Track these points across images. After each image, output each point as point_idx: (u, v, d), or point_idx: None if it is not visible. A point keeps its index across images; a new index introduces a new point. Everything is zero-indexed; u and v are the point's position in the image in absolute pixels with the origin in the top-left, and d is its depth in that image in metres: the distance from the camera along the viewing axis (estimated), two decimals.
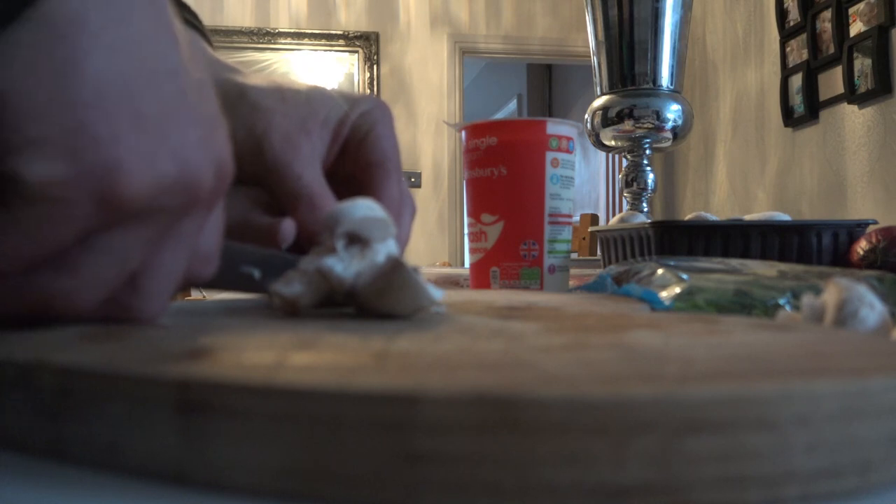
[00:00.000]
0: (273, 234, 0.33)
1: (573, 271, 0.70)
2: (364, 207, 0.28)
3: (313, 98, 0.35)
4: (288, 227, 0.33)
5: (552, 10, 3.90)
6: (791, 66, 2.50)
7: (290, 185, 0.33)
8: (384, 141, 0.36)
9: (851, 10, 2.18)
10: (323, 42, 3.71)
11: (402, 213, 0.37)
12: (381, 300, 0.26)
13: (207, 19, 3.49)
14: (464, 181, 0.57)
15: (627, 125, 1.43)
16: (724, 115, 3.04)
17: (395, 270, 0.26)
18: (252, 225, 0.36)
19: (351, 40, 3.72)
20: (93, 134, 0.18)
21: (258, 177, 0.34)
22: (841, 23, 2.22)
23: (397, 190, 0.36)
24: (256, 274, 0.28)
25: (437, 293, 0.26)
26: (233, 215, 0.37)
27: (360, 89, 3.65)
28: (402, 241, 0.36)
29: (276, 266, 0.29)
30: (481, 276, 0.55)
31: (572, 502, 0.13)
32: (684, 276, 0.39)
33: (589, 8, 1.52)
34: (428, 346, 0.19)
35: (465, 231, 0.59)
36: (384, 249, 0.28)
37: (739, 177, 2.91)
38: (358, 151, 0.36)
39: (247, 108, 0.34)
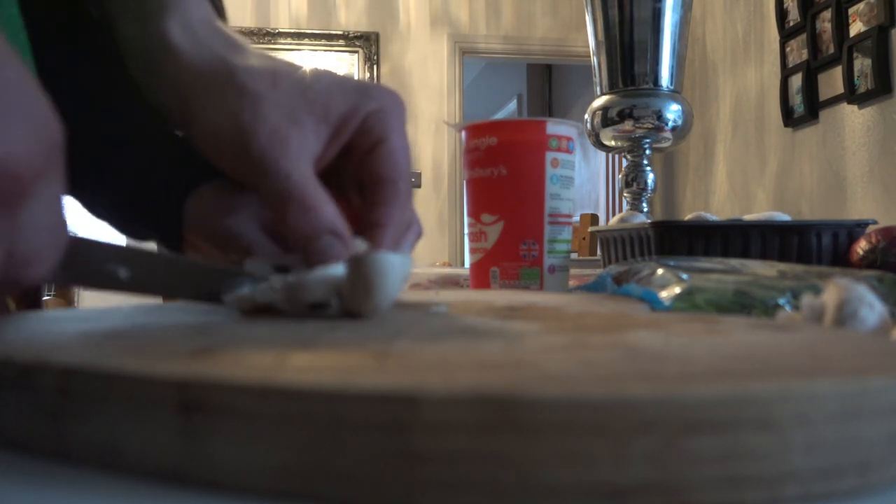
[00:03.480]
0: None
1: (573, 271, 0.70)
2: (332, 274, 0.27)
3: (312, 86, 0.31)
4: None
5: (552, 10, 3.90)
6: (791, 66, 2.50)
7: (279, 185, 0.30)
8: (399, 155, 0.32)
9: (851, 10, 2.18)
10: (323, 42, 3.70)
11: (407, 236, 0.34)
12: (366, 302, 0.26)
13: None
14: (464, 181, 0.57)
15: (627, 125, 1.43)
16: (724, 115, 3.04)
17: (359, 266, 0.25)
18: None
19: (351, 40, 3.72)
20: None
21: (242, 172, 0.31)
22: (841, 23, 2.21)
23: (404, 212, 0.33)
24: (123, 273, 0.27)
25: (406, 262, 0.27)
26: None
27: None
28: None
29: (151, 265, 0.28)
30: (481, 276, 0.55)
31: (572, 502, 0.13)
32: (684, 276, 0.39)
33: (589, 8, 1.52)
34: (428, 346, 0.19)
35: (465, 231, 0.59)
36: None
37: (739, 177, 2.91)
38: (368, 160, 0.33)
39: (233, 91, 0.31)
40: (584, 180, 4.88)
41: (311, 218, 0.29)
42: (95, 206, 0.42)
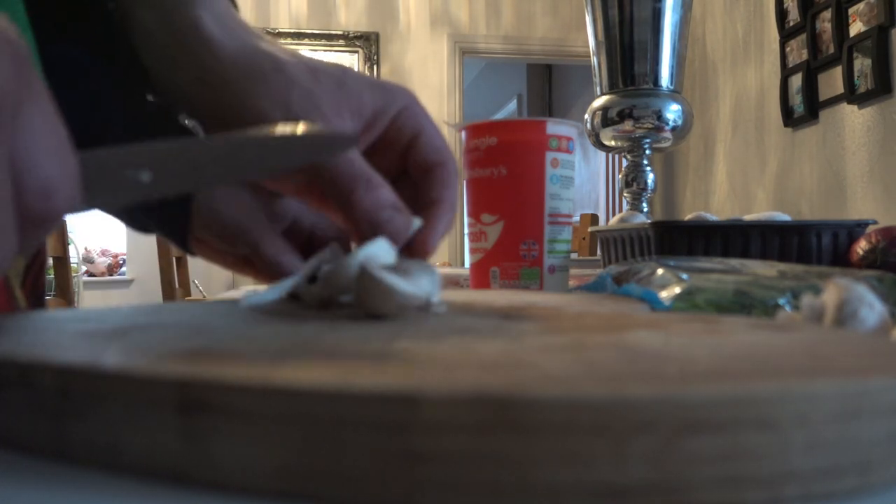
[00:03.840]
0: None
1: (573, 271, 0.70)
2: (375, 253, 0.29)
3: (345, 82, 0.33)
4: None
5: (552, 10, 3.90)
6: (791, 66, 2.50)
7: (346, 170, 0.32)
8: (438, 141, 0.35)
9: (851, 10, 2.18)
10: (323, 42, 3.70)
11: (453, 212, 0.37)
12: (362, 305, 0.26)
13: None
14: (464, 181, 0.57)
15: (627, 125, 1.43)
16: (724, 115, 3.04)
17: (362, 276, 0.26)
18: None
19: (351, 40, 3.72)
20: None
21: (305, 168, 0.33)
22: (841, 23, 2.21)
23: (456, 189, 0.36)
24: (145, 177, 0.24)
25: (423, 287, 0.27)
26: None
27: None
28: (434, 243, 0.35)
29: (174, 157, 0.25)
30: (481, 276, 0.55)
31: (572, 502, 0.13)
32: (684, 276, 0.39)
33: (589, 8, 1.53)
34: (428, 346, 0.19)
35: (465, 231, 0.59)
36: (357, 259, 0.29)
37: (739, 177, 2.91)
38: (411, 153, 0.35)
39: (282, 82, 0.32)
40: (584, 180, 4.88)
41: (376, 195, 0.31)
42: None
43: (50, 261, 1.59)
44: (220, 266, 0.42)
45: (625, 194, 1.53)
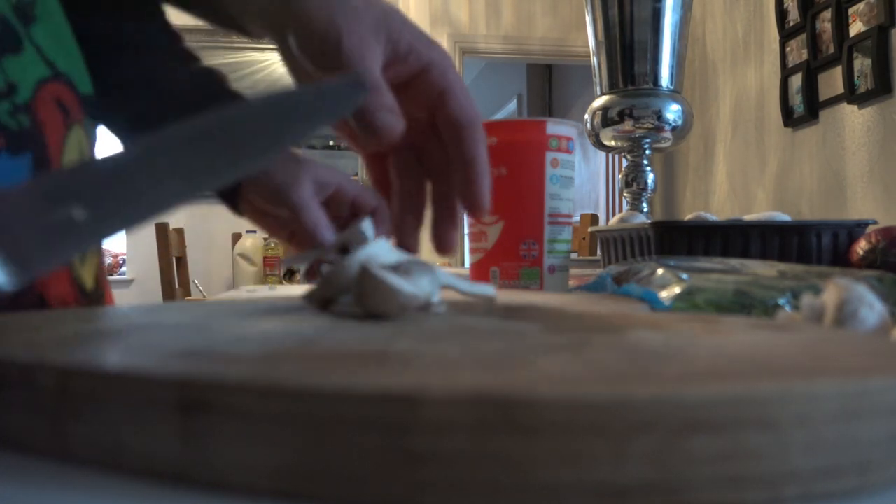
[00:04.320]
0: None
1: (573, 271, 0.70)
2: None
3: (392, 15, 0.36)
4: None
5: (552, 10, 3.90)
6: (791, 66, 2.50)
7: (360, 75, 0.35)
8: (465, 101, 0.38)
9: (851, 10, 2.18)
10: None
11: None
12: (362, 305, 0.26)
13: None
14: None
15: (627, 125, 1.43)
16: (724, 115, 3.04)
17: (363, 276, 0.26)
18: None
19: None
20: None
21: (324, 65, 0.35)
22: (841, 23, 2.21)
23: (485, 149, 0.38)
24: (80, 215, 0.18)
25: (423, 287, 0.27)
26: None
27: None
28: (487, 198, 0.38)
29: (118, 188, 0.20)
30: (481, 276, 0.55)
31: (572, 502, 0.13)
32: (684, 276, 0.39)
33: (589, 8, 1.53)
34: (428, 346, 0.19)
35: (465, 231, 0.59)
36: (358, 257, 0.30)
37: (739, 177, 2.91)
38: (440, 111, 0.38)
39: None
40: (584, 180, 4.88)
41: (378, 98, 0.34)
42: None
43: None
44: (262, 229, 0.47)
45: (625, 194, 1.53)
